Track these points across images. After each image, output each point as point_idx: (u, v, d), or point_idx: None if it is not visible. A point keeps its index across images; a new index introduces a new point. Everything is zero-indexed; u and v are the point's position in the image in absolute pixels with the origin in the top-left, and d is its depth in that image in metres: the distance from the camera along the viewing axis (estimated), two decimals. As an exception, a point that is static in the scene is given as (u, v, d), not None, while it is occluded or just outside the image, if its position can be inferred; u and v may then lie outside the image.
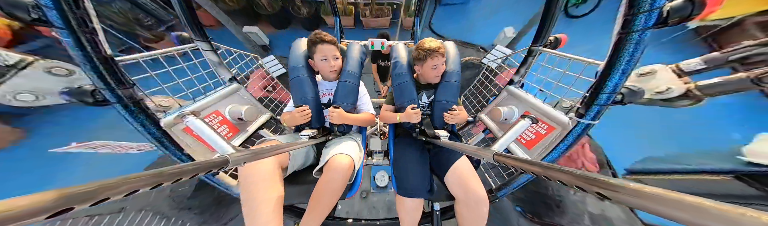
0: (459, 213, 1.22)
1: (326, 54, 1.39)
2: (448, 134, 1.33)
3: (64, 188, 0.29)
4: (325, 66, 1.43)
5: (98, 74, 0.76)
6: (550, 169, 0.44)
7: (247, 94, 1.75)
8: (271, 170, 1.07)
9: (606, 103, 0.92)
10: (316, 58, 1.41)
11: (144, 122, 0.93)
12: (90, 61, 0.73)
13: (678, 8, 0.67)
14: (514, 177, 1.36)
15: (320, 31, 1.38)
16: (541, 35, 1.45)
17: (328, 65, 1.43)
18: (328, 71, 1.47)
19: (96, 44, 0.72)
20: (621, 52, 0.78)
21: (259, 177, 1.04)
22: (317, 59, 1.42)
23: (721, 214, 0.23)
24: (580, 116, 1.01)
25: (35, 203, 0.26)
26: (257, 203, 0.99)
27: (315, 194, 1.14)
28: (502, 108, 1.66)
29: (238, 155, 0.61)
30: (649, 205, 0.28)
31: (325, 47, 1.38)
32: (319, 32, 1.38)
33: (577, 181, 0.38)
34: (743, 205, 0.22)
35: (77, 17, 0.65)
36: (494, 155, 0.65)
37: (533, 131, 1.38)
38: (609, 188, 0.33)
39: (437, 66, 1.42)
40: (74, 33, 0.67)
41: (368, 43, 2.36)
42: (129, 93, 0.84)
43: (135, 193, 0.35)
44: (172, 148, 1.04)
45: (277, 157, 1.13)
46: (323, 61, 1.42)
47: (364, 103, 1.60)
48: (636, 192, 0.30)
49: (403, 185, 1.24)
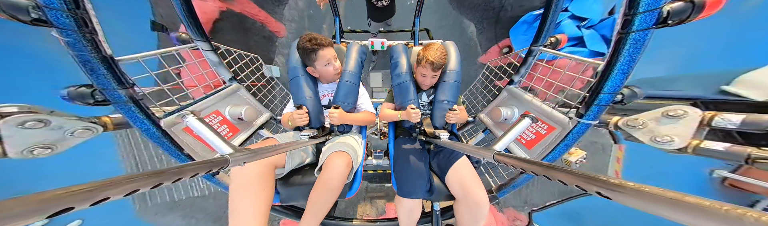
0: (459, 213, 1.22)
1: (329, 58, 1.38)
2: (448, 134, 1.33)
3: (64, 187, 0.29)
4: (330, 70, 1.42)
5: (98, 74, 0.76)
6: (550, 169, 0.44)
7: (247, 94, 1.75)
8: (260, 174, 1.06)
9: (606, 103, 0.92)
10: (319, 65, 1.38)
11: (144, 122, 0.93)
12: (90, 61, 0.73)
13: (678, 9, 0.67)
14: (515, 177, 1.36)
15: (313, 36, 1.31)
16: (541, 35, 1.46)
17: (332, 69, 1.42)
18: (333, 75, 1.47)
19: (96, 44, 0.72)
20: (621, 52, 0.78)
21: (246, 182, 1.03)
22: (319, 66, 1.39)
23: (721, 214, 0.23)
24: (580, 116, 1.01)
25: (35, 203, 0.26)
26: (240, 209, 0.99)
27: (313, 193, 1.13)
28: (502, 108, 1.66)
29: (238, 154, 0.61)
30: (649, 205, 0.28)
31: (326, 52, 1.35)
32: (313, 38, 1.30)
33: (577, 181, 0.38)
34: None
35: (77, 17, 0.65)
36: (494, 154, 0.65)
37: (533, 131, 1.38)
38: (609, 187, 0.33)
39: (434, 76, 1.45)
40: (74, 33, 0.67)
41: (368, 43, 2.37)
42: (129, 93, 0.84)
43: (135, 193, 0.35)
44: (172, 148, 1.04)
45: (271, 157, 1.12)
46: (327, 67, 1.40)
47: (364, 102, 1.60)
48: (636, 192, 0.30)
49: (403, 185, 1.24)
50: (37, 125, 0.74)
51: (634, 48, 0.76)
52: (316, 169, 1.22)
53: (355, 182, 1.27)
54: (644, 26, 0.71)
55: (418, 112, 1.34)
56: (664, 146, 0.93)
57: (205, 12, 3.33)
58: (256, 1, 4.02)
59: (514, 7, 3.73)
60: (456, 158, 1.29)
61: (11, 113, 0.71)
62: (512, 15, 3.76)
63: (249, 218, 0.97)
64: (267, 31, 4.16)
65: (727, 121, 0.87)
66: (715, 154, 0.89)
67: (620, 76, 0.84)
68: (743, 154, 0.83)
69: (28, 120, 0.73)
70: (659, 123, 0.94)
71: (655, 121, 0.95)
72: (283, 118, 1.50)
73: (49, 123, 0.76)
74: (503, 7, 3.90)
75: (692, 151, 0.91)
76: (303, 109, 1.35)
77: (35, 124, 0.74)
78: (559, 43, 1.49)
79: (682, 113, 0.92)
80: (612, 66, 0.82)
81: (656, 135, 0.94)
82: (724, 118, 0.87)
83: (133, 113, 0.89)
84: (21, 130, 0.72)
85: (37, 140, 0.75)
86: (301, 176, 1.30)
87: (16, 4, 0.60)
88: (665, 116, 0.93)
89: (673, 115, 0.92)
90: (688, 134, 0.91)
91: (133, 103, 0.87)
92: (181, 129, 1.18)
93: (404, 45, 1.83)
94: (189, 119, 0.79)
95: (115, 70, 0.78)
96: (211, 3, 3.35)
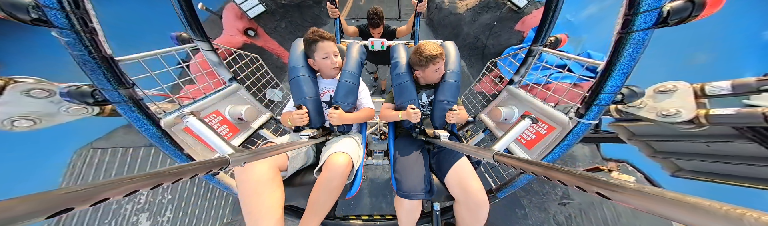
0: (459, 214, 1.22)
1: (328, 51, 1.40)
2: (448, 134, 1.33)
3: (64, 187, 0.29)
4: (328, 63, 1.43)
5: (98, 74, 0.76)
6: (550, 169, 0.44)
7: (247, 94, 1.75)
8: (269, 174, 1.07)
9: (606, 103, 0.92)
10: (318, 56, 1.41)
11: (144, 122, 0.93)
12: (90, 61, 0.73)
13: (678, 8, 0.67)
14: (514, 177, 1.36)
15: (317, 30, 1.38)
16: (541, 35, 1.46)
17: (330, 62, 1.43)
18: (330, 69, 1.47)
19: (96, 44, 0.72)
20: (621, 52, 0.78)
21: (258, 183, 1.03)
22: (318, 58, 1.42)
23: (721, 214, 0.23)
24: (580, 116, 1.01)
25: (35, 203, 0.26)
26: (258, 211, 1.00)
27: (313, 194, 1.14)
28: (502, 108, 1.66)
29: (238, 155, 0.61)
30: (649, 205, 0.28)
31: (325, 44, 1.38)
32: (317, 30, 1.37)
33: (577, 181, 0.38)
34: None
35: (77, 17, 0.65)
36: (494, 155, 0.65)
37: (533, 131, 1.38)
38: (609, 188, 0.33)
39: (439, 69, 1.44)
40: (74, 33, 0.67)
41: (368, 43, 2.37)
42: (129, 93, 0.84)
43: (135, 193, 0.35)
44: (172, 148, 1.04)
45: (275, 160, 1.13)
46: (325, 59, 1.42)
47: (364, 97, 1.61)
48: (636, 192, 0.30)
49: (403, 186, 1.23)
50: (41, 93, 0.77)
51: (634, 48, 0.76)
52: (316, 169, 1.22)
53: (355, 183, 1.27)
54: (644, 26, 0.70)
55: (418, 112, 1.33)
56: (674, 119, 0.93)
57: (231, 42, 4.37)
58: (278, 40, 5.37)
59: (495, 45, 5.02)
60: (456, 159, 1.28)
61: (25, 83, 0.75)
62: (495, 51, 5.04)
63: (268, 220, 0.99)
64: (280, 62, 5.24)
65: (718, 88, 0.91)
66: (730, 119, 0.88)
67: (620, 76, 0.84)
68: (758, 113, 0.83)
69: (36, 88, 0.76)
70: (656, 100, 0.97)
71: (652, 98, 0.98)
72: (283, 117, 1.50)
73: (53, 94, 0.79)
74: (486, 46, 5.22)
75: (706, 120, 0.91)
76: (303, 109, 1.35)
77: (40, 92, 0.77)
78: (559, 42, 1.49)
79: (672, 86, 0.95)
80: (612, 66, 0.82)
81: (661, 110, 0.96)
82: (713, 86, 0.91)
83: (133, 113, 0.89)
84: (23, 97, 0.75)
85: (29, 110, 0.76)
86: (301, 176, 1.30)
87: (16, 4, 0.60)
88: (658, 92, 0.97)
89: (665, 90, 0.96)
90: (690, 104, 0.92)
91: (133, 104, 0.87)
92: (181, 129, 1.18)
93: (404, 45, 1.83)
94: (189, 119, 0.80)
95: (114, 70, 0.78)
96: (238, 38, 4.51)
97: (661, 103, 0.97)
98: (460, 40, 5.66)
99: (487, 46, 5.11)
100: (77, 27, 0.66)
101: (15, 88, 0.73)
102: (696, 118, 0.93)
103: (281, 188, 1.09)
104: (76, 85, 0.81)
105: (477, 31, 5.31)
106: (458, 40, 5.83)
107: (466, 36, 5.55)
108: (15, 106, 0.74)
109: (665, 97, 0.96)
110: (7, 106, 0.73)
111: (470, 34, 5.45)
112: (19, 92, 0.74)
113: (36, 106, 0.77)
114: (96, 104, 0.84)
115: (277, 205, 1.03)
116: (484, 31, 5.16)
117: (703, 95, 0.94)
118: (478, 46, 5.33)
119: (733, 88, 0.89)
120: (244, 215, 1.00)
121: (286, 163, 1.21)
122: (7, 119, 0.74)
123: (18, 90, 0.74)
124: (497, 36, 4.98)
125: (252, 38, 4.71)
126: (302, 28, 5.83)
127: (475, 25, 5.35)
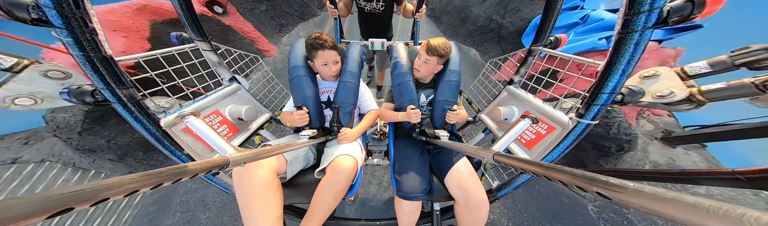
0: (459, 215, 1.22)
1: (327, 60, 1.38)
2: (448, 134, 1.33)
3: (64, 187, 0.29)
4: (326, 70, 1.43)
5: (98, 74, 0.76)
6: (550, 169, 0.44)
7: (247, 94, 1.74)
8: (267, 179, 1.06)
9: (606, 103, 0.92)
10: (317, 62, 1.40)
11: (144, 122, 0.93)
12: (90, 61, 0.73)
13: (678, 8, 0.67)
14: (514, 177, 1.36)
15: (320, 35, 1.33)
16: (541, 35, 1.46)
17: (328, 70, 1.42)
18: (328, 75, 1.48)
19: (96, 44, 0.71)
20: (621, 52, 0.78)
21: (256, 188, 1.03)
22: (318, 64, 1.40)
23: (721, 214, 0.23)
24: (580, 116, 1.01)
25: (35, 203, 0.26)
26: (256, 217, 1.00)
27: (317, 195, 1.14)
28: (502, 108, 1.66)
29: (238, 155, 0.61)
30: (649, 205, 0.28)
31: (326, 54, 1.35)
32: (320, 36, 1.33)
33: (577, 181, 0.38)
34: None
35: (77, 17, 0.65)
36: (494, 155, 0.65)
37: (533, 131, 1.38)
38: (609, 188, 0.33)
39: (427, 65, 1.44)
40: (74, 33, 0.67)
41: (368, 43, 2.37)
42: (129, 93, 0.84)
43: (135, 193, 0.35)
44: (172, 148, 1.04)
45: (273, 164, 1.13)
46: (324, 66, 1.41)
47: (367, 100, 1.60)
48: (636, 192, 0.30)
49: (403, 187, 1.23)
50: (58, 74, 0.81)
51: (634, 48, 0.76)
52: (317, 170, 1.22)
53: (356, 183, 1.27)
54: (645, 26, 0.70)
55: (418, 112, 1.33)
56: (671, 98, 0.97)
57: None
58: (254, 23, 4.56)
59: (515, 22, 4.19)
60: (456, 160, 1.28)
61: (47, 64, 0.80)
62: (515, 29, 4.19)
63: (265, 223, 0.99)
64: (254, 48, 4.57)
65: (697, 67, 0.97)
66: (725, 92, 0.93)
67: (620, 76, 0.83)
68: (747, 84, 0.88)
69: (55, 69, 0.80)
70: (645, 85, 1.01)
71: (641, 85, 1.01)
72: (283, 117, 1.49)
73: (69, 77, 0.83)
74: (502, 26, 4.44)
75: (703, 97, 0.96)
76: (303, 109, 1.34)
77: (57, 74, 0.81)
78: (559, 42, 1.49)
79: (654, 72, 1.01)
80: (612, 66, 0.82)
81: (654, 92, 1.00)
82: (692, 66, 0.98)
83: (132, 113, 0.89)
84: (39, 77, 0.78)
85: (37, 90, 0.79)
86: (300, 177, 1.30)
87: (16, 4, 0.60)
88: (643, 78, 1.02)
89: (648, 75, 1.01)
90: (680, 85, 0.98)
91: (132, 104, 0.87)
92: (181, 129, 1.18)
93: (404, 45, 1.83)
94: (189, 119, 0.80)
95: (114, 70, 0.78)
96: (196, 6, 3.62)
97: (651, 87, 1.02)
98: (470, 23, 5.18)
99: (504, 26, 4.39)
100: (77, 27, 0.66)
101: (36, 68, 0.77)
102: (692, 96, 0.98)
103: (280, 193, 1.09)
104: (77, 85, 0.81)
105: (489, 11, 4.67)
106: (467, 25, 5.36)
107: (476, 19, 4.94)
108: (27, 85, 0.78)
109: (653, 82, 1.02)
110: (19, 84, 0.77)
111: (480, 15, 4.83)
112: (38, 72, 0.78)
113: (46, 87, 0.80)
114: (96, 104, 0.84)
115: (276, 210, 1.03)
116: (498, 10, 4.49)
117: (688, 77, 0.99)
118: (492, 28, 4.67)
119: (710, 67, 0.96)
120: (244, 220, 1.00)
121: (285, 166, 1.21)
122: (10, 96, 0.77)
123: (38, 70, 0.78)
124: (515, 12, 4.23)
125: (218, 15, 3.99)
126: (287, 15, 5.32)
127: (486, 5, 4.76)
